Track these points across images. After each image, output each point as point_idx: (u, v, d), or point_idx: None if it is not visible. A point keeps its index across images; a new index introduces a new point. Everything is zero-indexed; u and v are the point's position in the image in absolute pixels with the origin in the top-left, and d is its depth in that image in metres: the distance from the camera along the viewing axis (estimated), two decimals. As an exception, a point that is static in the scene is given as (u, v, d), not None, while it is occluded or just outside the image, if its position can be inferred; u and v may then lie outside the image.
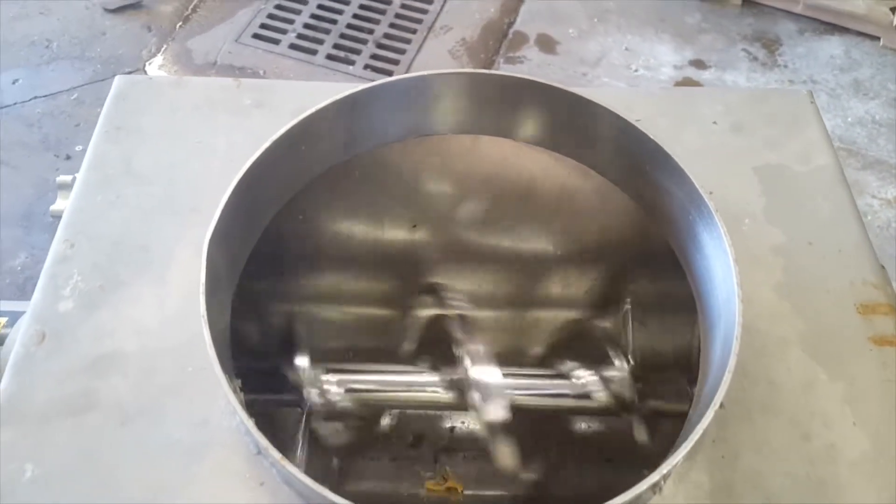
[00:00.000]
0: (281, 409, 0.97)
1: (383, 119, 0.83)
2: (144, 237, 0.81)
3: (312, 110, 0.75)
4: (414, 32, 2.54)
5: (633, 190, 0.83)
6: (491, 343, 0.96)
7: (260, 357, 0.94)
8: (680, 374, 0.88)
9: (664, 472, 0.57)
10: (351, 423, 0.97)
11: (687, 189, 0.72)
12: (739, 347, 0.63)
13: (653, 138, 0.74)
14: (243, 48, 2.47)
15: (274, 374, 0.94)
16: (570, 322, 1.07)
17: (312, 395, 0.89)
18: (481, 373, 0.87)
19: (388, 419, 1.03)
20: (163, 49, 2.49)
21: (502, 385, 0.87)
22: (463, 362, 0.89)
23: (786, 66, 2.56)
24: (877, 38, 2.58)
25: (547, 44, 2.58)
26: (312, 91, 0.88)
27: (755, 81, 2.48)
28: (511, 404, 0.85)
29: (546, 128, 0.85)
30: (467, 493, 0.98)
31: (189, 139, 0.89)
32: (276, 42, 2.48)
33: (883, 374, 0.73)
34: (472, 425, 1.04)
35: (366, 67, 2.42)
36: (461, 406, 0.91)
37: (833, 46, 2.61)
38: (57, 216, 0.87)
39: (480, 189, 0.96)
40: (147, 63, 2.44)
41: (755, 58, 2.58)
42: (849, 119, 2.42)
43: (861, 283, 0.79)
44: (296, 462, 0.78)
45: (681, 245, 0.78)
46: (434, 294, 1.02)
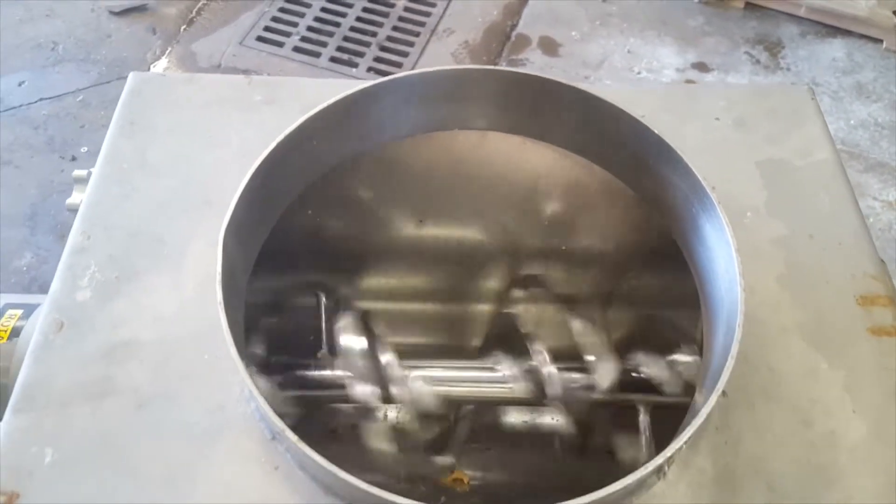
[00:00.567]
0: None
1: (393, 114, 0.85)
2: (159, 229, 0.83)
3: (325, 104, 0.77)
4: (417, 35, 2.56)
5: (637, 184, 0.85)
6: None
7: (279, 351, 0.96)
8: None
9: (668, 456, 0.59)
10: (428, 420, 0.98)
11: (690, 181, 0.74)
12: (742, 336, 0.64)
13: (657, 132, 0.76)
14: (247, 51, 2.49)
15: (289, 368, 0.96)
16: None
17: (401, 393, 0.90)
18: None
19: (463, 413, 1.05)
20: (167, 52, 2.51)
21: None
22: (538, 357, 0.91)
23: (788, 69, 2.57)
24: (879, 41, 2.59)
25: (549, 46, 2.60)
26: (321, 88, 0.90)
27: (758, 85, 2.49)
28: None
29: (552, 124, 0.87)
30: (473, 484, 0.99)
31: (201, 134, 0.90)
32: (280, 45, 2.50)
33: (881, 363, 0.75)
34: (480, 417, 1.05)
35: (369, 70, 2.44)
36: (539, 401, 0.93)
37: (835, 49, 2.63)
38: (73, 209, 0.88)
39: (487, 184, 0.97)
40: (152, 66, 2.46)
41: (758, 61, 2.60)
42: (851, 122, 2.44)
43: (861, 276, 0.80)
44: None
45: (684, 237, 0.80)
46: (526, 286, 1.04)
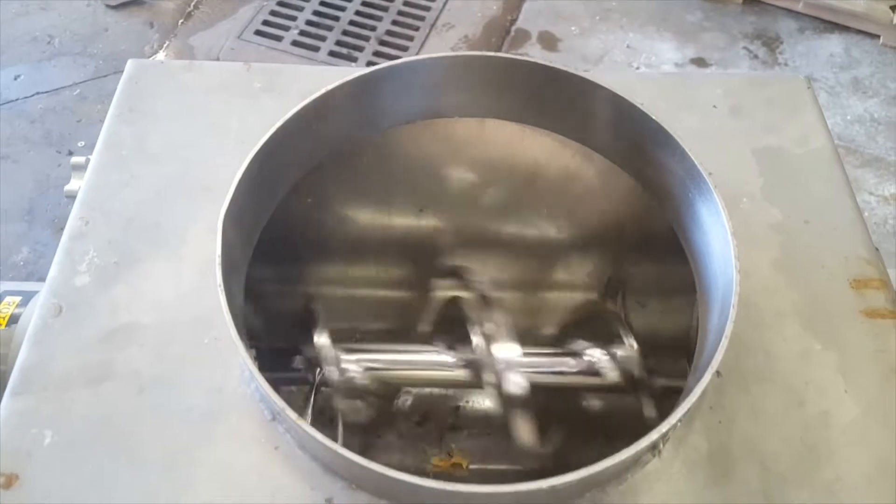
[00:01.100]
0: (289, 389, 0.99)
1: (392, 101, 0.86)
2: (158, 215, 0.84)
3: (325, 89, 0.77)
4: (416, 30, 2.57)
5: (635, 170, 0.86)
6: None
7: (273, 337, 0.97)
8: (680, 354, 0.91)
9: (662, 432, 0.60)
10: (369, 402, 0.99)
11: (687, 167, 0.75)
12: (737, 318, 0.65)
13: (654, 118, 0.77)
14: (246, 45, 2.49)
15: (283, 354, 0.97)
16: (580, 303, 1.09)
17: (332, 374, 0.90)
18: (501, 348, 0.89)
19: (405, 398, 1.05)
20: (165, 45, 2.51)
21: (521, 360, 0.89)
22: (477, 341, 0.91)
23: (786, 64, 2.58)
24: (877, 37, 2.60)
25: (549, 41, 2.60)
26: (320, 75, 0.90)
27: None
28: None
29: (551, 111, 0.88)
30: (472, 469, 1.00)
31: (200, 121, 0.91)
32: (279, 39, 2.50)
33: (874, 345, 0.75)
34: (477, 404, 1.07)
35: (368, 65, 2.43)
36: (476, 384, 0.92)
37: (833, 45, 2.63)
38: (71, 196, 0.89)
39: (486, 172, 0.98)
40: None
41: (756, 56, 2.61)
42: (848, 117, 2.44)
43: (854, 259, 0.81)
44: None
45: (681, 222, 0.80)
46: (452, 276, 1.03)
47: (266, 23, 2.54)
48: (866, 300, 0.78)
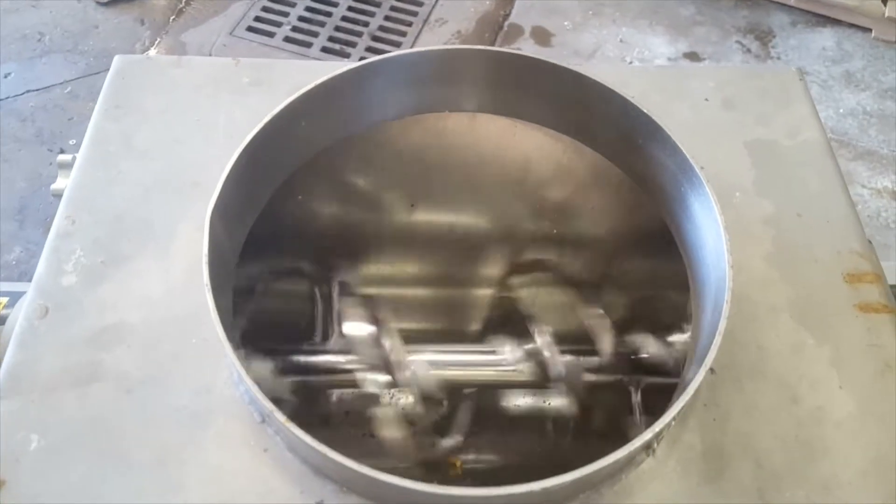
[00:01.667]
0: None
1: (382, 96, 0.85)
2: (146, 212, 0.82)
3: (313, 84, 0.76)
4: (409, 25, 2.56)
5: (627, 164, 0.85)
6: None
7: (271, 338, 0.96)
8: (674, 351, 0.90)
9: (656, 431, 0.59)
10: (428, 405, 0.98)
11: (679, 160, 0.74)
12: (730, 314, 0.64)
13: (646, 111, 0.76)
14: (238, 41, 2.47)
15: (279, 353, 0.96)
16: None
17: (402, 376, 0.90)
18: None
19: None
20: (156, 42, 2.49)
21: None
22: (539, 339, 0.93)
23: (778, 58, 2.58)
24: (868, 30, 2.60)
25: (542, 36, 2.60)
26: (309, 70, 0.89)
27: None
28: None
29: (542, 105, 0.87)
30: (466, 468, 0.99)
31: (189, 117, 0.90)
32: (271, 35, 2.48)
33: (867, 339, 0.75)
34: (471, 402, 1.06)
35: (361, 60, 2.43)
36: (543, 382, 0.94)
37: (825, 38, 2.63)
38: (58, 195, 0.88)
39: (478, 167, 0.97)
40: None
41: (748, 50, 2.61)
42: (840, 110, 2.44)
43: (848, 253, 0.81)
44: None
45: (673, 217, 0.80)
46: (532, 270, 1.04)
47: (258, 19, 2.53)
48: (860, 294, 0.77)
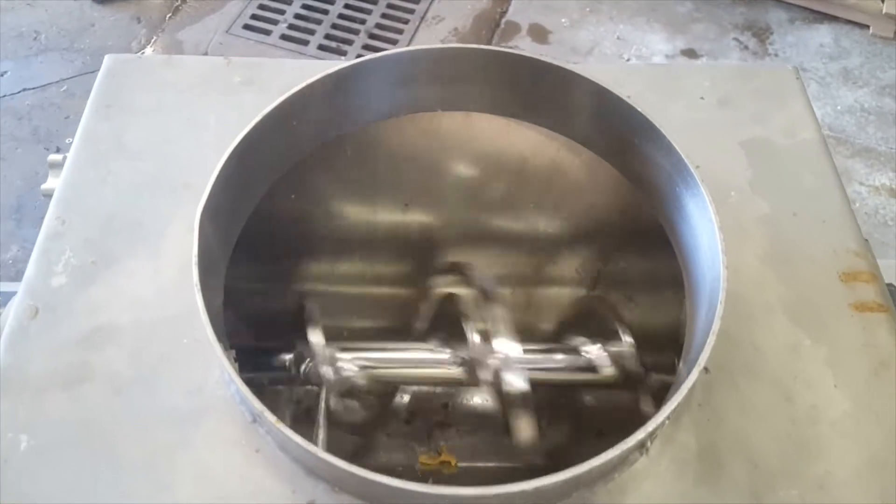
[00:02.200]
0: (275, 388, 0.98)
1: (375, 95, 0.84)
2: (137, 213, 0.82)
3: (304, 84, 0.76)
4: (406, 23, 2.55)
5: (622, 164, 0.84)
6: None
7: (261, 336, 0.95)
8: (670, 350, 0.90)
9: (650, 430, 0.59)
10: (364, 401, 0.97)
11: (674, 160, 0.74)
12: (725, 313, 0.64)
13: (641, 111, 0.75)
14: (234, 39, 2.46)
15: (270, 352, 0.95)
16: (573, 298, 1.08)
17: (327, 372, 0.89)
18: (500, 344, 0.88)
19: (400, 397, 1.04)
20: (153, 41, 2.48)
21: (519, 357, 0.87)
22: (472, 339, 0.90)
23: (776, 55, 2.58)
24: (866, 27, 2.60)
25: (539, 33, 2.59)
26: (302, 69, 0.88)
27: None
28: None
29: (537, 104, 0.86)
30: (461, 466, 0.99)
31: (180, 116, 0.89)
32: (268, 33, 2.48)
33: (863, 339, 0.75)
34: (467, 401, 1.05)
35: (358, 58, 2.42)
36: (473, 382, 0.91)
37: (823, 35, 2.63)
38: (48, 195, 0.87)
39: (472, 167, 0.97)
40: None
41: (746, 47, 2.60)
42: (838, 107, 2.44)
43: (844, 252, 0.80)
44: (318, 442, 0.78)
45: (668, 216, 0.79)
46: (450, 272, 1.02)
47: (254, 17, 2.52)
48: (856, 293, 0.77)
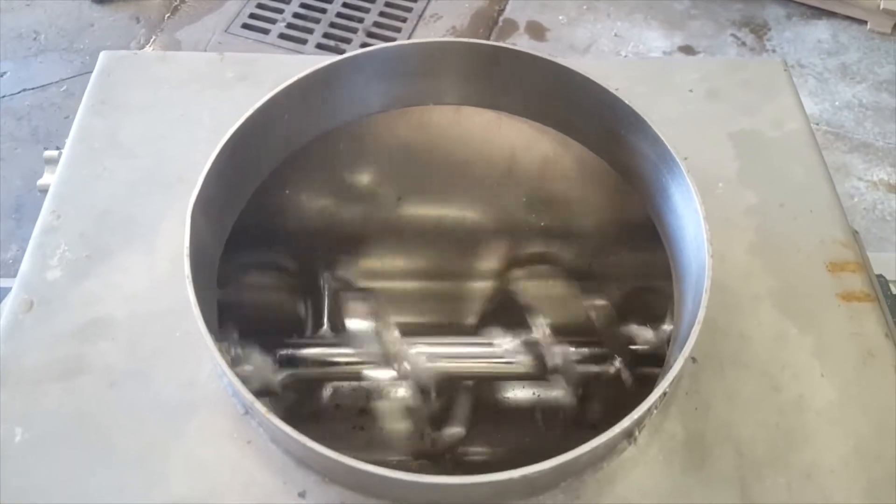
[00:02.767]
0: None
1: (366, 89, 0.85)
2: (131, 207, 0.83)
3: (296, 77, 0.76)
4: (404, 21, 2.56)
5: (611, 156, 0.85)
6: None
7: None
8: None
9: (634, 418, 0.59)
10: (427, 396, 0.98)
11: (660, 151, 0.74)
12: (712, 304, 0.64)
13: (627, 102, 0.76)
14: (233, 38, 2.47)
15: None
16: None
17: (402, 367, 0.91)
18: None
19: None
20: (152, 40, 2.49)
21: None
22: (541, 332, 0.94)
23: (773, 51, 2.58)
24: (864, 22, 2.60)
25: (537, 31, 2.59)
26: (295, 64, 0.89)
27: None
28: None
29: (527, 97, 0.87)
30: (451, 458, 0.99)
31: (174, 112, 0.90)
32: (266, 32, 2.48)
33: (850, 328, 0.75)
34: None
35: (354, 56, 2.43)
36: (541, 374, 0.94)
37: (820, 31, 2.63)
38: (44, 190, 0.88)
39: (464, 160, 0.97)
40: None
41: (743, 43, 2.60)
42: (836, 103, 2.44)
43: (831, 242, 0.81)
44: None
45: (655, 208, 0.80)
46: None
47: (253, 16, 2.53)
48: (843, 283, 0.77)
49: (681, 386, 0.71)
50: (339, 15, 2.55)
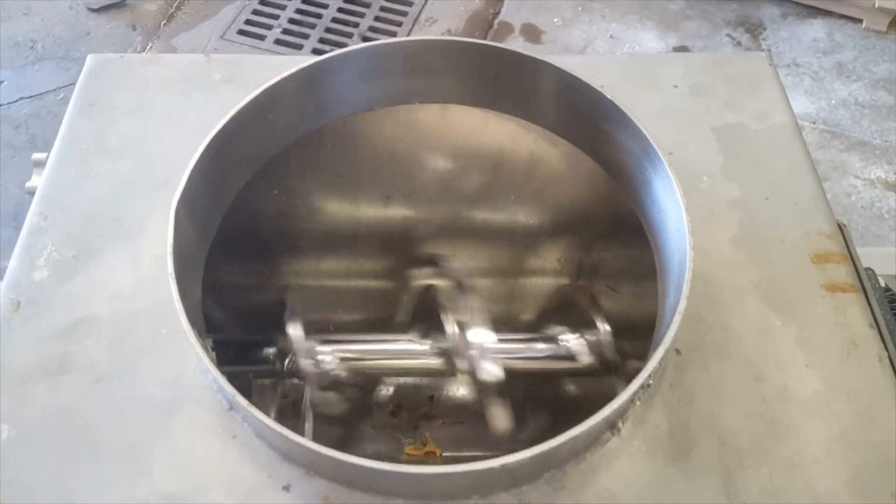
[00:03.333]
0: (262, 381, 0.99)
1: (351, 88, 0.85)
2: (117, 209, 0.83)
3: (280, 77, 0.77)
4: (399, 25, 2.56)
5: (596, 152, 0.85)
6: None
7: (245, 329, 0.96)
8: (650, 337, 0.90)
9: (614, 408, 0.59)
10: (345, 393, 0.98)
11: (642, 145, 0.74)
12: (697, 296, 0.65)
13: (609, 97, 0.76)
14: (229, 45, 2.48)
15: (255, 346, 0.96)
16: (553, 288, 1.09)
17: (306, 365, 0.90)
18: (475, 335, 0.89)
19: (383, 389, 1.05)
20: (148, 47, 2.50)
21: (496, 346, 0.89)
22: (451, 330, 0.91)
23: (769, 51, 2.58)
24: (859, 21, 2.60)
25: (532, 33, 2.60)
26: (281, 64, 0.89)
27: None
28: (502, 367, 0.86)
29: (513, 95, 0.87)
30: (446, 456, 0.99)
31: (160, 114, 0.90)
32: (262, 38, 2.49)
33: (834, 319, 0.75)
34: (451, 392, 1.06)
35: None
36: (451, 372, 0.92)
37: (816, 30, 2.63)
38: (32, 192, 0.88)
39: (451, 159, 0.97)
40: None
41: (739, 43, 2.60)
42: (832, 101, 2.44)
43: (815, 234, 0.81)
44: (304, 434, 0.79)
45: (640, 202, 0.80)
46: (428, 265, 1.03)
47: (249, 22, 2.54)
48: (827, 274, 0.77)
49: (665, 378, 0.71)
50: (335, 20, 2.56)
